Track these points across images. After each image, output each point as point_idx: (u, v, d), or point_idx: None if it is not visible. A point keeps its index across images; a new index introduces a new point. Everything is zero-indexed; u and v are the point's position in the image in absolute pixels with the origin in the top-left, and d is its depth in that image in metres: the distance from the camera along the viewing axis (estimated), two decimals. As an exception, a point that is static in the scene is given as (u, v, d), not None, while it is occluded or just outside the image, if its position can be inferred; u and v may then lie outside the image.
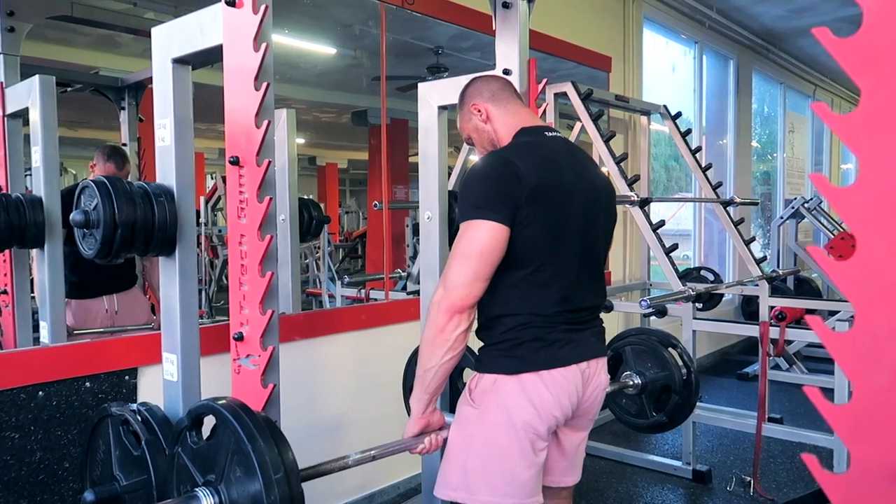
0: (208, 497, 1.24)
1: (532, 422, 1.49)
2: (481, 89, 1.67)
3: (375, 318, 2.95)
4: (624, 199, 3.31)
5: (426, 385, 1.52)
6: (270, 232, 1.47)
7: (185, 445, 1.36)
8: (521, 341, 1.50)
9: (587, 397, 1.58)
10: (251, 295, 1.49)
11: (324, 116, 9.90)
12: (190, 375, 1.73)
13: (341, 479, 2.88)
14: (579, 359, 1.53)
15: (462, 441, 1.56)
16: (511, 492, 1.51)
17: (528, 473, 1.51)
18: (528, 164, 1.47)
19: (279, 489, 1.16)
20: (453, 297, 1.42)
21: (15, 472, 1.93)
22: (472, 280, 1.43)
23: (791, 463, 3.43)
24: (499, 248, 1.43)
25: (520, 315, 1.50)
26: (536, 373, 1.48)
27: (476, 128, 1.67)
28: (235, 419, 1.21)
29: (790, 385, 4.97)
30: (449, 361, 1.48)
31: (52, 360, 2.00)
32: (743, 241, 4.10)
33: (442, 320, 1.44)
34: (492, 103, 1.64)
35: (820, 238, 7.70)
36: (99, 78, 3.42)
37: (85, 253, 1.65)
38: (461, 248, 1.44)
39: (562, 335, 1.51)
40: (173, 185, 1.69)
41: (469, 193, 1.48)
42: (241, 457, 1.20)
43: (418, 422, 1.58)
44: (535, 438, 1.51)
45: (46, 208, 2.32)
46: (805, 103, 8.94)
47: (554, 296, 1.51)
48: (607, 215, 1.67)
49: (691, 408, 2.33)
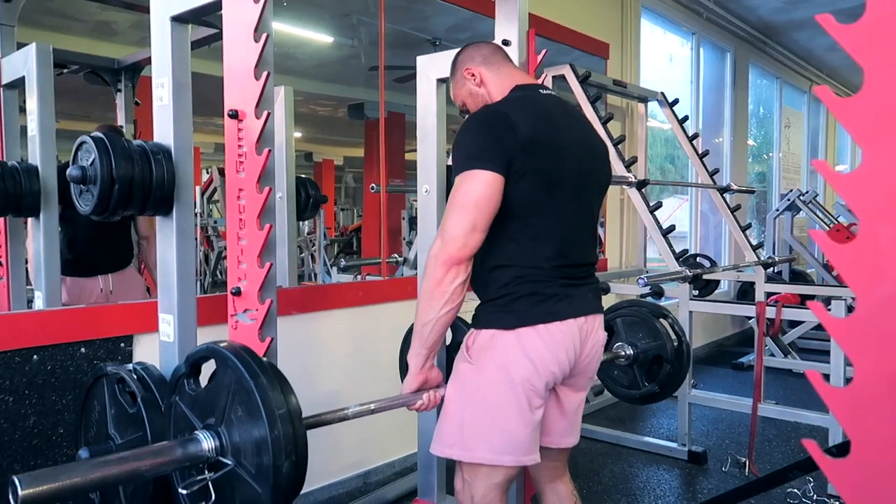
0: (208, 439, 1.22)
1: (530, 377, 1.48)
2: (473, 54, 1.67)
3: (372, 295, 2.94)
4: (621, 180, 3.31)
5: (424, 339, 1.51)
6: (269, 185, 1.46)
7: (182, 393, 1.35)
8: (518, 296, 1.49)
9: (585, 354, 1.58)
10: (249, 249, 1.48)
11: (320, 110, 9.89)
12: (186, 336, 1.72)
13: (337, 457, 2.88)
14: (577, 314, 1.53)
15: (459, 398, 1.55)
16: (508, 449, 1.50)
17: (526, 431, 1.51)
18: (522, 116, 1.47)
19: (283, 426, 1.15)
20: (451, 249, 1.41)
21: (9, 436, 1.91)
22: (470, 231, 1.41)
23: (786, 445, 3.43)
24: (495, 197, 1.42)
25: (516, 267, 1.49)
26: (534, 327, 1.48)
27: (470, 92, 1.67)
28: (237, 358, 1.20)
29: (784, 373, 4.99)
30: (447, 314, 1.47)
31: (46, 324, 1.99)
32: (739, 227, 4.12)
33: (440, 272, 1.43)
34: (484, 66, 1.64)
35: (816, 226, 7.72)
36: (95, 59, 3.41)
37: (82, 209, 1.64)
38: (457, 199, 1.43)
39: (559, 290, 1.51)
40: (171, 145, 1.68)
41: (463, 145, 1.47)
42: (244, 395, 1.19)
43: (416, 377, 1.57)
44: (533, 395, 1.50)
45: (42, 177, 2.31)
46: (801, 99, 8.97)
47: (550, 249, 1.51)
48: (602, 173, 1.67)
49: (683, 377, 2.35)
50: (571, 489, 1.78)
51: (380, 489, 2.77)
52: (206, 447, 1.22)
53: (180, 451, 1.21)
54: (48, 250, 2.29)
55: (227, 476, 1.22)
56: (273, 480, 1.16)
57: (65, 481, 1.04)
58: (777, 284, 4.35)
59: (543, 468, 1.73)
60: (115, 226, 2.98)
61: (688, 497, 2.85)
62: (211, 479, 1.22)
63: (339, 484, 2.86)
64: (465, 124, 1.50)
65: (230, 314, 1.54)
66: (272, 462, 1.16)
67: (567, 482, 1.78)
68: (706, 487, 2.94)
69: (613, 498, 2.82)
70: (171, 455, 1.20)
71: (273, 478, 1.16)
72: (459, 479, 1.60)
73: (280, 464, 1.16)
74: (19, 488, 0.99)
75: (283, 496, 1.18)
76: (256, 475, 1.19)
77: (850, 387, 0.74)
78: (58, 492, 1.03)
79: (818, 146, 9.68)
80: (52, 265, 2.30)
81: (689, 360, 2.35)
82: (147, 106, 2.88)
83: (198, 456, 1.22)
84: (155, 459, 1.19)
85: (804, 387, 4.61)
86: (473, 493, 1.55)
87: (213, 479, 1.22)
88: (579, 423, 1.71)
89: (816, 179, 9.48)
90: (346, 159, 13.57)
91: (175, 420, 1.37)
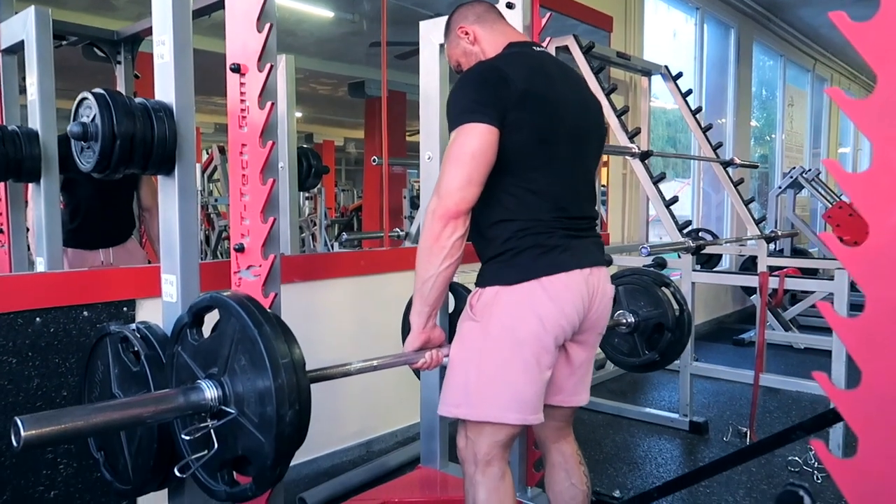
0: (211, 388, 1.22)
1: (537, 333, 1.47)
2: (466, 13, 1.68)
3: (374, 264, 2.93)
4: (625, 151, 3.29)
5: (425, 297, 1.51)
6: (272, 138, 1.45)
7: (185, 343, 1.35)
8: (520, 249, 1.48)
9: (594, 308, 1.56)
10: (252, 204, 1.47)
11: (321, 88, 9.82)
12: (189, 297, 1.70)
13: (340, 425, 2.89)
14: (581, 265, 1.51)
15: (464, 357, 1.54)
16: (514, 406, 1.49)
17: (532, 389, 1.50)
18: (516, 71, 1.46)
19: (286, 376, 1.14)
20: (448, 203, 1.41)
21: (12, 398, 1.92)
22: (466, 184, 1.41)
23: (787, 417, 3.44)
24: (490, 149, 1.42)
25: (517, 220, 1.48)
26: (538, 280, 1.46)
27: (465, 51, 1.67)
28: (241, 307, 1.19)
29: (785, 348, 5.00)
30: (447, 269, 1.46)
31: (49, 287, 1.98)
32: (742, 201, 4.10)
33: (437, 227, 1.42)
34: (478, 24, 1.65)
35: (817, 207, 7.71)
36: (94, 31, 3.37)
37: (83, 167, 1.63)
38: (452, 153, 1.43)
39: (561, 241, 1.49)
40: (173, 103, 1.66)
41: (457, 100, 1.47)
42: (247, 344, 1.18)
43: (419, 336, 1.57)
44: (541, 352, 1.49)
45: (42, 141, 2.29)
46: (805, 77, 8.91)
47: (549, 202, 1.50)
48: (596, 129, 1.66)
49: (683, 345, 2.34)
50: (576, 449, 1.78)
51: (383, 457, 2.78)
52: (209, 396, 1.22)
53: (182, 398, 1.21)
54: (49, 216, 2.28)
55: (230, 425, 1.22)
56: (276, 429, 1.16)
57: (67, 424, 1.03)
58: (779, 258, 4.34)
59: (549, 428, 1.73)
60: (117, 197, 2.97)
61: (689, 465, 2.87)
62: (213, 427, 1.21)
63: (343, 452, 2.88)
64: (459, 80, 1.51)
65: (233, 271, 1.54)
66: (275, 411, 1.15)
67: (572, 442, 1.78)
68: (707, 456, 2.96)
69: (615, 466, 2.84)
70: (174, 402, 1.20)
71: (276, 426, 1.16)
72: (462, 437, 1.59)
73: (284, 413, 1.16)
74: (22, 429, 0.98)
75: (286, 445, 1.18)
76: (259, 424, 1.19)
77: (858, 389, 0.74)
78: (60, 434, 1.03)
79: (821, 126, 9.62)
80: (54, 230, 2.29)
81: (691, 328, 2.34)
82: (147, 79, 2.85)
83: (200, 404, 1.22)
84: (157, 406, 1.19)
85: (804, 362, 4.62)
86: (476, 451, 1.55)
87: (215, 428, 1.22)
88: (589, 381, 1.70)
89: (819, 158, 9.45)
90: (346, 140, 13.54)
91: (177, 370, 1.37)
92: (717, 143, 4.21)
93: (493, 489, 1.52)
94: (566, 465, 1.75)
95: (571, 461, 1.75)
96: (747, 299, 6.40)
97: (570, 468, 1.74)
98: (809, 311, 5.26)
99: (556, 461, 1.76)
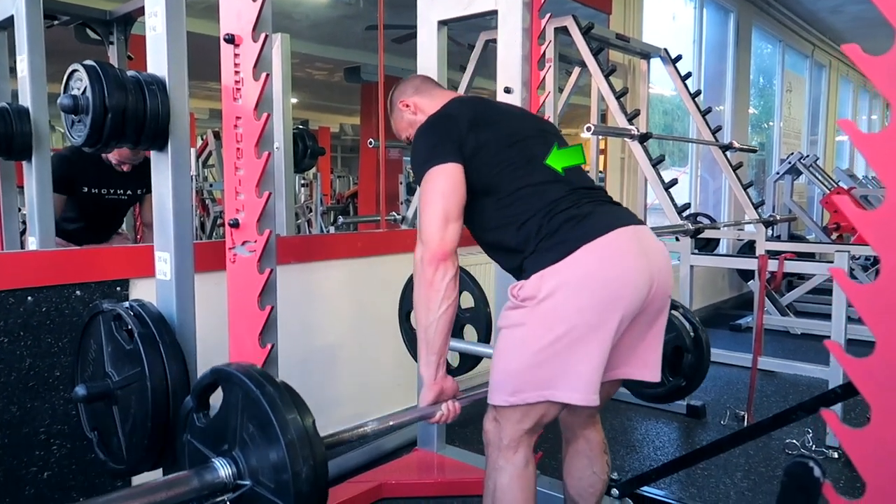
0: (224, 466, 1.17)
1: (594, 303, 1.36)
2: (405, 88, 1.78)
3: (371, 246, 2.91)
4: (623, 133, 3.26)
5: (430, 344, 1.48)
6: (267, 111, 1.42)
7: (192, 428, 1.29)
8: (553, 230, 1.41)
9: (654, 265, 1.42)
10: (247, 178, 1.45)
11: (316, 73, 9.74)
12: (183, 274, 1.68)
13: (335, 409, 2.87)
14: (619, 224, 1.42)
15: (513, 344, 1.44)
16: (578, 386, 1.38)
17: (588, 367, 1.37)
18: (459, 109, 1.58)
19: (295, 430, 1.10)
20: (432, 247, 1.43)
21: (4, 378, 1.89)
22: (444, 223, 1.44)
23: (784, 400, 3.44)
24: (458, 184, 1.47)
25: (535, 216, 1.44)
26: (582, 249, 1.37)
27: (409, 122, 1.75)
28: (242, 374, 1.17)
29: (782, 334, 5.00)
30: (446, 312, 1.45)
31: (41, 265, 1.95)
32: (741, 185, 4.08)
33: (428, 272, 1.44)
34: (417, 95, 1.75)
35: (815, 195, 7.70)
36: (86, 10, 3.32)
37: (74, 141, 1.59)
38: (425, 199, 1.48)
39: (592, 208, 1.45)
40: (166, 76, 1.63)
41: (416, 153, 1.54)
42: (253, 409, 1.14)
43: (432, 388, 1.52)
44: (602, 323, 1.36)
45: (33, 118, 2.25)
46: (803, 63, 8.87)
47: (552, 185, 1.49)
48: (552, 128, 1.74)
49: (706, 366, 2.21)
50: (603, 437, 1.74)
51: (379, 439, 2.76)
52: (223, 474, 1.18)
53: (197, 481, 1.16)
54: (41, 194, 2.25)
55: (247, 495, 1.18)
56: (293, 488, 1.10)
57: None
58: (777, 243, 4.33)
59: (580, 414, 1.66)
60: (119, 215, 3.11)
61: (686, 448, 2.86)
62: (230, 499, 1.17)
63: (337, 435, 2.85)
64: (414, 137, 1.59)
65: (228, 248, 1.51)
66: (290, 470, 1.10)
67: (600, 430, 1.74)
68: (705, 439, 2.95)
69: (613, 449, 2.82)
70: (189, 485, 1.15)
71: (293, 485, 1.10)
72: (491, 420, 1.52)
73: (298, 469, 1.10)
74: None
75: None
76: (276, 489, 1.14)
77: (871, 357, 0.72)
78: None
79: (819, 112, 9.59)
80: (46, 209, 2.26)
81: (709, 348, 2.21)
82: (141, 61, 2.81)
83: (215, 484, 1.17)
84: (171, 491, 1.14)
85: (801, 347, 4.62)
86: (504, 436, 1.48)
87: (231, 500, 1.17)
88: (659, 354, 1.55)
89: (817, 146, 9.42)
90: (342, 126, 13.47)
91: (189, 457, 1.31)
92: (717, 126, 4.18)
93: (515, 476, 1.48)
94: (591, 452, 1.71)
95: (597, 449, 1.72)
96: (744, 285, 6.40)
97: (593, 456, 1.71)
98: (806, 296, 5.25)
99: (581, 448, 1.72)
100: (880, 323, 0.70)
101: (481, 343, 2.50)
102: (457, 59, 3.04)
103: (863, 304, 0.72)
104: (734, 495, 2.42)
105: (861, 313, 0.71)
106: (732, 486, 2.49)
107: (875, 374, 0.72)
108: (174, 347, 1.59)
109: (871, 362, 0.72)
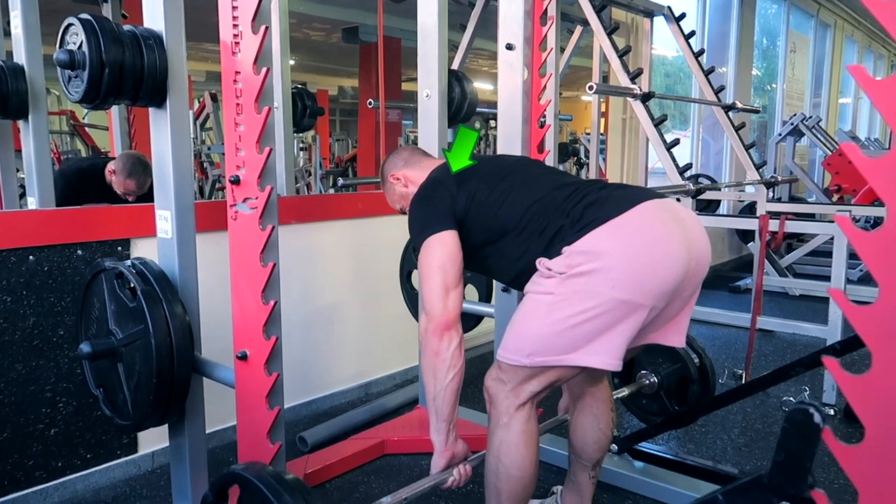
0: None
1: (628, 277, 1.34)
2: (395, 161, 1.79)
3: (372, 207, 2.90)
4: (626, 92, 3.23)
5: (439, 412, 1.48)
6: (267, 65, 1.40)
7: None
8: (579, 215, 1.41)
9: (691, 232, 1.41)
10: (247, 134, 1.43)
11: (314, 34, 9.58)
12: (185, 232, 1.69)
13: (338, 368, 2.90)
14: (639, 200, 1.41)
15: (538, 309, 1.41)
16: (602, 351, 1.36)
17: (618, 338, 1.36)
18: (444, 172, 1.63)
19: None
20: (436, 317, 1.45)
21: (8, 336, 1.90)
22: (444, 293, 1.46)
23: (782, 360, 3.47)
24: (455, 252, 1.50)
25: (556, 211, 1.44)
26: (610, 222, 1.36)
27: (401, 195, 1.76)
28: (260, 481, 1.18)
29: (780, 295, 5.02)
30: (453, 380, 1.45)
31: (42, 224, 1.95)
32: (743, 145, 4.05)
33: (434, 342, 1.45)
34: (406, 168, 1.75)
35: (816, 157, 7.66)
36: (80, -33, 3.25)
37: (71, 98, 1.58)
38: (423, 271, 1.50)
39: (608, 192, 1.44)
40: (163, 31, 1.60)
41: (413, 223, 1.58)
42: None
43: (443, 454, 1.53)
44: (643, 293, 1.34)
45: (29, 76, 2.23)
46: (808, 23, 8.73)
47: (562, 190, 1.48)
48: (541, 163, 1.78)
49: (713, 393, 2.22)
50: (610, 394, 1.77)
51: (381, 398, 2.80)
52: None
53: None
54: (38, 153, 2.24)
55: None
56: None
57: None
58: (778, 204, 4.32)
59: (592, 373, 1.67)
60: None
61: (684, 406, 2.89)
62: None
63: (341, 394, 2.89)
64: (409, 208, 1.64)
65: (229, 205, 1.50)
66: None
67: (607, 387, 1.76)
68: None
69: (611, 407, 2.86)
70: None
71: None
72: (495, 377, 1.51)
73: None
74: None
75: None
76: None
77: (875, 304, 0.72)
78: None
79: (822, 73, 9.48)
80: (44, 168, 2.25)
81: (714, 376, 2.24)
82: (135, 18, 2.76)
83: None
84: None
85: (799, 308, 4.65)
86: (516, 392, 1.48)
87: None
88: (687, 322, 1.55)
89: (820, 108, 9.33)
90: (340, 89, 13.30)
91: None
92: (720, 86, 4.14)
93: (520, 432, 1.49)
94: (597, 409, 1.73)
95: (604, 406, 1.73)
96: (744, 248, 6.41)
97: (599, 413, 1.73)
98: (805, 258, 5.26)
99: (588, 405, 1.73)
100: (885, 269, 0.70)
101: (482, 302, 2.52)
102: (457, 19, 2.98)
103: (867, 251, 0.72)
104: (731, 451, 2.46)
105: (865, 261, 0.71)
106: (730, 441, 2.53)
107: (878, 321, 0.72)
108: (177, 304, 1.60)
109: (874, 309, 0.72)
